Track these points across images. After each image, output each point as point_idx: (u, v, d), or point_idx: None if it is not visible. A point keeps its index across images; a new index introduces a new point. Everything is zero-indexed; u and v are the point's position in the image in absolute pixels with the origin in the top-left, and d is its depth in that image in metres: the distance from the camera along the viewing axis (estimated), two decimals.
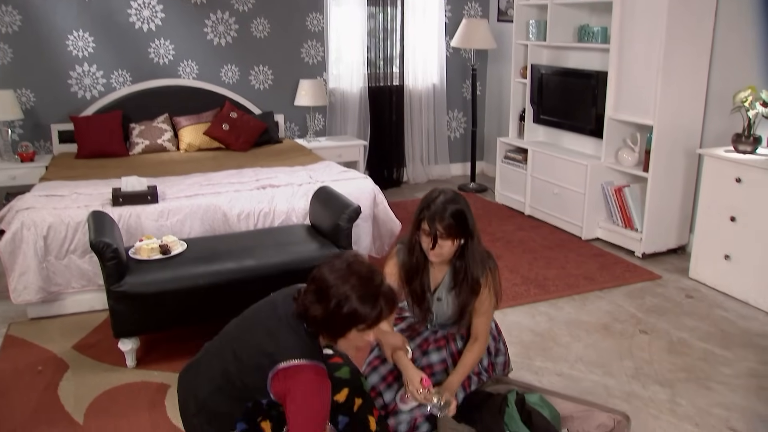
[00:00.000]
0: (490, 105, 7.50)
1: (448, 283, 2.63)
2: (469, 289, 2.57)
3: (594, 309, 4.08)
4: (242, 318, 2.26)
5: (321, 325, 2.04)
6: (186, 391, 2.29)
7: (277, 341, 2.05)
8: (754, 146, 4.13)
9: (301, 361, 2.00)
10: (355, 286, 2.00)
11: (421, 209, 2.49)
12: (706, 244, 4.38)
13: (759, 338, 3.71)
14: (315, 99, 6.36)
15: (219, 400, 2.14)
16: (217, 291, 3.41)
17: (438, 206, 2.44)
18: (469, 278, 2.56)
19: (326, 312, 2.00)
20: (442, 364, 2.68)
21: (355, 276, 2.02)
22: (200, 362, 2.30)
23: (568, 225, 5.48)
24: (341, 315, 2.00)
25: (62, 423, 2.94)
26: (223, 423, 2.14)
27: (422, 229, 2.48)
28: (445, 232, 2.44)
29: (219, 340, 2.28)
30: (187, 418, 2.23)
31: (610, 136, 5.15)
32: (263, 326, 2.13)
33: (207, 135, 5.80)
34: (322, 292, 2.01)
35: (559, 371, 3.38)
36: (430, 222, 2.44)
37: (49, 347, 3.62)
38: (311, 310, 2.02)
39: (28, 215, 3.82)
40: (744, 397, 3.14)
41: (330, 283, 2.00)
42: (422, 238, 2.51)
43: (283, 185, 4.41)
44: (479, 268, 2.56)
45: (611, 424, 2.64)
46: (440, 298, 2.65)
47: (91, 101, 5.89)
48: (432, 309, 2.67)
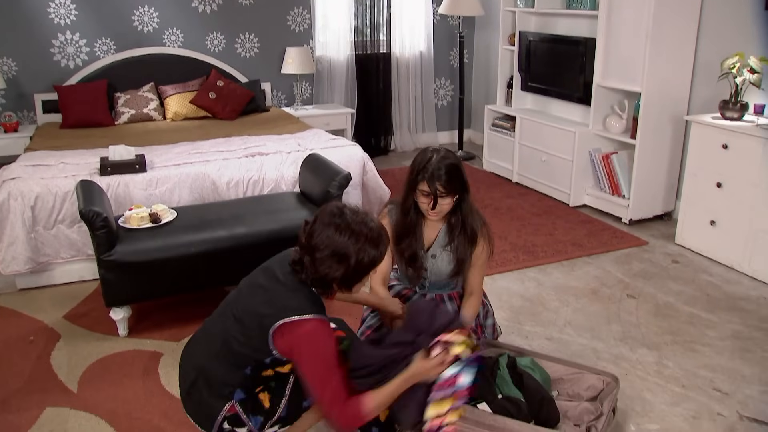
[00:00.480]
0: (477, 73, 7.47)
1: (443, 239, 2.65)
2: (467, 241, 2.61)
3: (582, 274, 4.13)
4: (241, 286, 2.27)
5: (342, 281, 2.09)
6: (186, 361, 2.30)
7: (279, 300, 2.07)
8: (741, 113, 4.16)
9: (303, 316, 2.03)
10: (366, 235, 2.05)
11: (416, 171, 2.50)
12: (693, 211, 4.42)
13: (743, 302, 3.77)
14: (302, 67, 6.31)
15: (217, 367, 2.16)
16: (208, 259, 3.41)
17: (434, 165, 2.45)
18: (468, 230, 2.60)
19: (347, 269, 2.05)
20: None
21: (360, 226, 2.06)
22: (200, 333, 2.32)
23: (555, 192, 5.51)
24: (363, 266, 2.07)
25: (56, 391, 2.95)
26: (221, 390, 2.15)
27: (420, 190, 2.49)
28: (444, 190, 2.46)
29: (219, 311, 2.29)
30: (186, 385, 2.24)
31: (598, 103, 5.16)
32: (263, 289, 2.14)
33: (193, 104, 5.75)
34: (339, 254, 2.03)
35: (548, 335, 3.42)
36: (429, 182, 2.45)
37: (40, 317, 3.62)
38: (331, 274, 2.05)
39: (15, 185, 3.78)
40: (728, 359, 3.20)
41: (345, 244, 2.03)
42: (420, 199, 2.52)
43: (271, 153, 4.39)
44: (476, 219, 2.61)
45: (601, 386, 2.69)
46: (435, 255, 2.67)
47: (74, 70, 5.80)
48: (426, 267, 2.68)
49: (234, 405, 2.15)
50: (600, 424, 2.44)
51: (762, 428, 2.70)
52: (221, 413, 2.15)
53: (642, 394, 2.92)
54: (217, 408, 2.15)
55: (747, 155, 3.99)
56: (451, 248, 2.64)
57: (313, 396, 2.10)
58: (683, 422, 2.73)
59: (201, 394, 2.19)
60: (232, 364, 2.15)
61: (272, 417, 2.18)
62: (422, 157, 2.51)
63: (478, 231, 2.62)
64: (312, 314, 2.04)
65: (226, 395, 2.15)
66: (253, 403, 2.17)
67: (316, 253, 2.04)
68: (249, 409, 2.16)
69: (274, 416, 2.18)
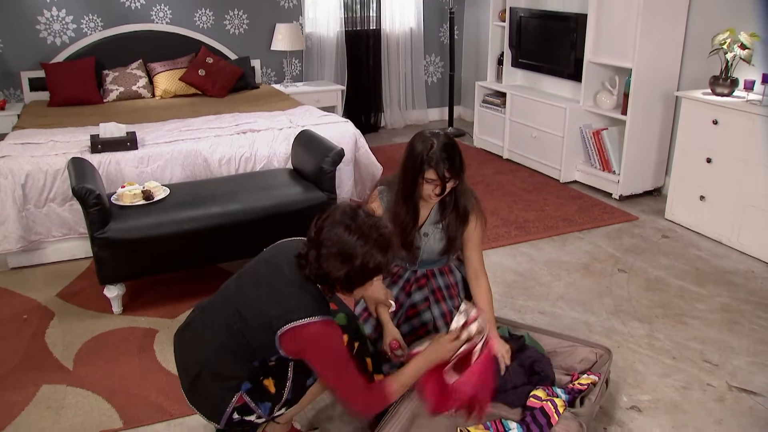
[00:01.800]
0: (467, 49, 7.45)
1: (434, 217, 2.65)
2: (459, 219, 2.62)
3: (573, 249, 4.16)
4: (242, 277, 2.22)
5: (344, 282, 2.05)
6: (185, 353, 2.25)
7: (286, 301, 2.04)
8: (732, 89, 4.18)
9: (311, 319, 2.01)
10: (375, 240, 2.02)
11: (419, 161, 2.46)
12: (682, 186, 4.46)
13: (731, 275, 3.82)
14: (291, 43, 6.27)
15: (223, 360, 2.13)
16: (201, 236, 3.42)
17: (438, 153, 2.44)
18: (460, 209, 2.61)
19: (351, 271, 2.02)
20: (424, 302, 2.72)
21: (370, 230, 2.03)
22: (198, 323, 2.26)
23: (546, 168, 5.52)
24: (368, 270, 2.04)
25: (52, 369, 2.96)
26: (229, 383, 2.13)
27: (426, 178, 2.47)
28: (451, 175, 2.47)
29: (218, 300, 2.24)
30: (189, 379, 2.19)
31: (589, 79, 5.17)
32: (269, 286, 2.10)
33: (183, 81, 5.70)
34: (345, 254, 2.00)
35: (541, 309, 3.46)
36: (436, 169, 2.44)
37: (33, 296, 3.61)
38: (333, 272, 2.02)
39: (5, 163, 3.75)
40: (718, 331, 3.25)
41: (352, 244, 2.00)
42: (425, 186, 2.50)
43: (263, 130, 4.38)
44: (468, 198, 2.62)
45: (594, 359, 2.74)
46: (427, 234, 2.67)
47: (61, 47, 5.73)
48: (419, 245, 2.68)
49: (242, 396, 2.13)
50: (593, 395, 2.48)
51: (750, 397, 2.75)
52: (230, 405, 2.13)
53: (634, 366, 2.96)
54: (226, 400, 2.13)
55: (737, 131, 4.02)
56: (442, 226, 2.65)
57: (332, 392, 2.17)
58: (674, 393, 2.78)
59: (207, 388, 2.15)
60: (239, 358, 2.13)
61: (279, 401, 2.18)
62: (423, 145, 2.47)
63: (470, 209, 2.62)
64: (318, 316, 2.02)
65: (233, 387, 2.13)
66: (260, 391, 2.15)
67: (322, 248, 2.01)
68: (257, 397, 2.15)
69: (281, 400, 2.18)
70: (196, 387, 2.18)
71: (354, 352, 2.32)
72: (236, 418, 2.16)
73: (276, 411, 2.21)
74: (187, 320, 2.33)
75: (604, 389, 2.57)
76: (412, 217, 2.61)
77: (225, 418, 2.15)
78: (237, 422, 2.18)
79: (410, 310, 2.71)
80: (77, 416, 2.65)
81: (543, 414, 2.33)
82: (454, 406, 2.32)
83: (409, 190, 2.55)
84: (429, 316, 2.70)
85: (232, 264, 3.74)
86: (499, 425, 2.36)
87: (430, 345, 2.26)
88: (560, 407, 2.36)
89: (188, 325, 2.31)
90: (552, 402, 2.37)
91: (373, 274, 2.06)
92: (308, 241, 2.08)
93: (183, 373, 2.23)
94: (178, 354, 2.29)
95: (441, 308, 2.71)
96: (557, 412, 2.34)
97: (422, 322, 2.70)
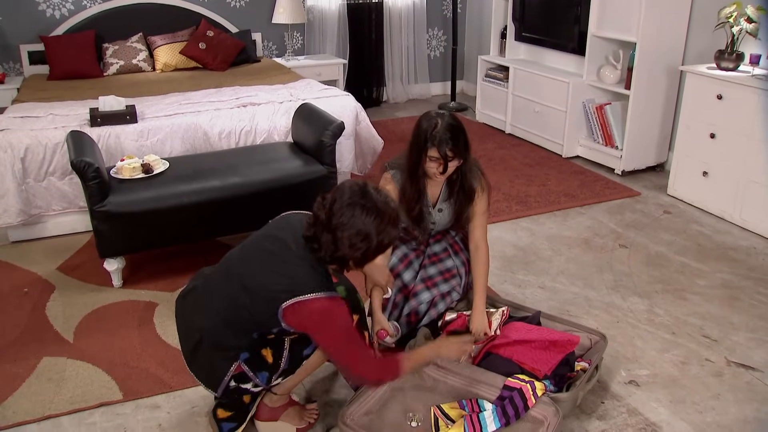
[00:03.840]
0: (471, 22, 7.37)
1: (445, 193, 2.76)
2: (466, 197, 2.72)
3: (575, 224, 4.15)
4: (246, 250, 2.21)
5: (359, 260, 2.06)
6: (187, 320, 2.26)
7: (292, 276, 2.04)
8: (737, 63, 4.13)
9: (317, 295, 2.01)
10: (389, 215, 2.04)
11: (423, 139, 2.54)
12: (685, 161, 4.43)
13: (733, 251, 3.81)
14: (293, 16, 6.20)
15: (224, 332, 2.14)
16: (201, 209, 3.41)
17: (441, 132, 2.52)
18: (466, 187, 2.70)
19: (369, 250, 2.03)
20: (445, 252, 2.87)
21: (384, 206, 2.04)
22: (201, 291, 2.27)
23: (548, 143, 5.49)
24: (382, 246, 2.06)
25: (53, 341, 2.97)
26: (229, 353, 2.15)
27: (429, 156, 2.55)
28: (453, 154, 2.54)
29: (221, 271, 2.24)
30: (190, 346, 2.21)
31: (593, 53, 5.11)
32: (275, 260, 2.09)
33: (183, 54, 5.66)
34: (363, 234, 2.00)
35: (541, 284, 3.46)
36: (438, 148, 2.52)
37: (34, 269, 3.62)
38: (351, 253, 2.02)
39: (4, 137, 3.74)
40: (718, 307, 3.25)
41: (369, 224, 2.00)
42: (429, 164, 2.58)
43: (263, 103, 4.35)
44: (475, 177, 2.71)
45: (588, 344, 2.71)
46: (441, 210, 2.80)
47: (61, 20, 5.68)
48: (434, 220, 2.81)
49: (240, 365, 2.14)
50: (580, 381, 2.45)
51: (748, 372, 2.75)
52: (228, 374, 2.15)
53: (633, 341, 2.97)
54: (225, 369, 2.15)
55: (741, 106, 3.98)
56: (451, 202, 2.76)
57: (342, 365, 2.20)
58: (672, 368, 2.78)
59: (207, 356, 2.17)
60: (239, 330, 2.14)
61: (277, 371, 2.20)
62: (428, 124, 2.55)
63: (475, 188, 2.71)
64: (325, 292, 2.02)
65: (232, 357, 2.14)
66: (258, 361, 2.17)
67: (338, 232, 1.99)
68: (255, 366, 2.16)
69: (278, 370, 2.20)
70: (196, 355, 2.20)
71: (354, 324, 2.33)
72: (233, 385, 2.18)
73: (273, 380, 2.23)
74: (189, 286, 2.35)
75: (594, 374, 2.55)
76: (417, 192, 2.69)
77: (223, 385, 2.17)
78: (234, 390, 2.19)
79: (433, 257, 2.85)
80: (77, 388, 2.67)
81: (521, 396, 2.32)
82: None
83: (414, 167, 2.64)
84: (452, 263, 2.83)
85: (231, 237, 3.73)
86: (474, 405, 2.37)
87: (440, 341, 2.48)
88: (539, 390, 2.33)
89: (190, 291, 2.33)
90: (532, 385, 2.34)
91: (386, 248, 2.09)
92: (318, 224, 2.04)
93: (184, 339, 2.26)
94: (180, 320, 2.31)
95: (461, 258, 2.86)
96: (535, 395, 2.32)
97: (447, 267, 2.83)
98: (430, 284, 2.78)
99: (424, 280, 2.78)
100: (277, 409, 2.42)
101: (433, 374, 2.54)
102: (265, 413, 2.41)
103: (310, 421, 2.47)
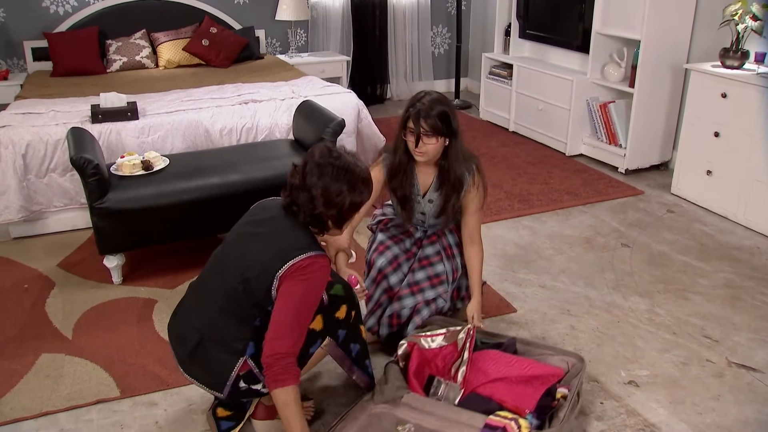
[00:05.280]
0: (475, 20, 7.34)
1: (436, 183, 2.72)
2: (452, 186, 2.67)
3: (577, 223, 4.12)
4: (230, 241, 2.23)
5: (336, 219, 2.12)
6: (179, 329, 2.23)
7: (282, 245, 2.06)
8: (742, 61, 4.10)
9: (308, 254, 2.04)
10: (359, 175, 2.09)
11: (407, 108, 2.56)
12: (689, 160, 4.40)
13: (736, 251, 3.78)
14: (297, 13, 6.19)
15: (224, 323, 2.12)
16: (201, 206, 3.40)
17: (423, 105, 2.51)
18: (452, 177, 2.65)
19: (343, 208, 2.09)
20: (437, 256, 2.82)
21: (354, 167, 2.10)
22: (191, 299, 2.26)
23: (552, 141, 5.47)
24: (355, 205, 2.12)
25: (51, 338, 2.97)
26: (234, 346, 2.11)
27: (408, 128, 2.56)
28: (429, 130, 2.51)
29: (208, 272, 2.24)
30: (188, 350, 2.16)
31: (597, 51, 5.08)
32: (260, 238, 2.12)
33: (186, 51, 5.66)
34: (336, 191, 2.06)
35: (542, 283, 3.44)
36: (415, 120, 2.51)
37: (34, 266, 3.62)
38: (325, 211, 2.07)
39: (5, 133, 3.74)
40: (719, 307, 3.22)
41: (341, 182, 2.06)
42: (407, 137, 2.58)
43: (265, 100, 4.34)
44: (461, 166, 2.64)
45: (566, 368, 2.54)
46: (432, 200, 2.75)
47: (64, 17, 5.69)
48: (424, 210, 2.78)
49: (247, 361, 2.11)
50: (563, 411, 2.30)
51: (749, 374, 2.73)
52: (234, 370, 2.11)
53: (633, 341, 2.95)
54: (230, 365, 2.11)
55: (746, 104, 3.94)
56: (441, 192, 2.72)
57: (275, 333, 1.99)
58: (673, 368, 2.76)
59: (210, 354, 2.13)
60: (239, 319, 2.12)
61: None
62: (416, 96, 2.57)
63: (464, 177, 2.66)
64: (314, 251, 2.05)
65: (239, 350, 2.11)
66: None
67: (312, 190, 2.05)
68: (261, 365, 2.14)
69: None
70: (197, 355, 2.15)
71: (351, 320, 2.36)
72: (243, 387, 2.14)
73: None
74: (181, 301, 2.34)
75: (575, 403, 2.36)
76: (402, 171, 2.68)
77: (228, 386, 2.12)
78: (244, 391, 2.17)
79: (423, 261, 2.81)
80: (75, 385, 2.66)
81: None
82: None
83: (399, 142, 2.64)
84: (442, 268, 2.80)
85: None
86: None
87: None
88: (524, 429, 2.16)
89: (182, 303, 2.32)
90: (516, 422, 2.17)
91: (359, 208, 2.15)
92: (292, 189, 2.12)
93: (180, 346, 2.21)
94: (172, 330, 2.28)
95: (452, 264, 2.81)
96: None
97: (436, 273, 2.79)
98: (416, 290, 2.75)
99: (410, 284, 2.75)
100: (274, 407, 2.40)
101: (404, 416, 2.29)
102: (262, 411, 2.41)
103: (307, 418, 2.46)
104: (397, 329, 2.78)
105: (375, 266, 2.79)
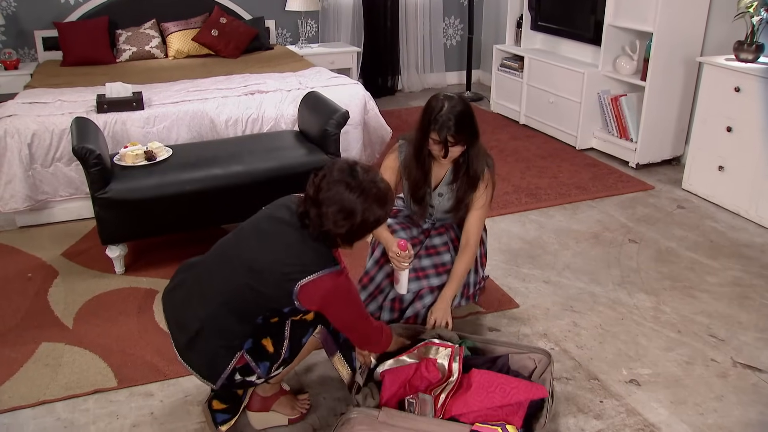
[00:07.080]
0: (487, 11, 7.26)
1: (449, 177, 2.72)
2: (468, 183, 2.67)
3: (585, 218, 4.07)
4: (245, 232, 2.21)
5: (345, 237, 2.08)
6: (180, 311, 2.22)
7: (300, 256, 2.05)
8: (757, 54, 4.01)
9: (327, 270, 2.04)
10: (374, 195, 2.05)
11: (428, 120, 2.52)
12: (701, 155, 4.32)
13: (746, 249, 3.71)
14: (307, 4, 6.16)
15: (228, 317, 2.11)
16: (203, 197, 3.39)
17: (445, 116, 2.48)
18: (470, 173, 2.65)
19: (352, 227, 2.05)
20: (444, 246, 2.81)
21: (369, 185, 2.05)
22: (194, 281, 2.23)
23: (562, 134, 5.40)
24: (367, 225, 2.08)
25: (52, 327, 2.98)
26: (233, 341, 2.12)
27: (432, 138, 2.53)
28: (454, 139, 2.50)
29: (216, 259, 2.22)
30: (187, 336, 2.15)
31: (609, 43, 5.00)
32: (278, 241, 2.10)
33: (196, 41, 5.65)
34: (346, 211, 2.02)
35: (546, 278, 3.40)
36: (439, 132, 2.49)
37: (39, 255, 3.63)
38: (335, 230, 2.03)
39: (11, 123, 3.74)
40: (727, 305, 3.16)
41: (353, 201, 2.02)
42: (432, 147, 2.57)
43: (271, 91, 4.32)
44: (481, 164, 2.65)
45: (532, 365, 2.50)
46: (442, 194, 2.76)
47: (75, 6, 5.69)
48: (432, 203, 2.78)
49: (244, 355, 2.12)
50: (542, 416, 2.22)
51: (754, 374, 2.68)
52: (230, 365, 2.11)
53: (636, 339, 2.90)
54: (227, 359, 2.11)
55: (760, 99, 3.86)
56: (454, 187, 2.71)
57: (354, 336, 2.26)
58: (676, 367, 2.72)
59: (208, 345, 2.12)
60: (244, 315, 2.12)
61: (277, 360, 2.18)
62: (434, 105, 2.52)
63: (480, 176, 2.65)
64: (332, 268, 2.05)
65: (236, 345, 2.12)
66: (259, 351, 2.15)
67: (322, 207, 2.02)
68: (256, 356, 2.14)
69: (279, 359, 2.18)
70: (195, 344, 2.15)
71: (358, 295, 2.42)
72: (238, 379, 2.15)
73: (273, 371, 2.20)
74: (175, 280, 2.31)
75: (550, 406, 2.28)
76: (422, 173, 2.69)
77: (222, 378, 2.13)
78: (239, 383, 2.17)
79: (430, 249, 2.80)
80: (73, 374, 2.67)
81: None
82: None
83: (419, 147, 2.63)
84: (449, 257, 2.78)
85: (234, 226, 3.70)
86: None
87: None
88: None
89: (178, 285, 2.29)
90: (503, 427, 2.13)
91: (373, 227, 2.12)
92: (307, 199, 2.08)
93: (179, 330, 2.20)
94: (170, 313, 2.27)
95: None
96: None
97: (442, 261, 2.77)
98: (421, 275, 2.73)
99: (415, 269, 2.73)
100: (269, 398, 2.40)
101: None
102: (257, 403, 2.40)
103: (302, 411, 2.46)
104: (399, 315, 2.76)
105: (379, 247, 2.78)
